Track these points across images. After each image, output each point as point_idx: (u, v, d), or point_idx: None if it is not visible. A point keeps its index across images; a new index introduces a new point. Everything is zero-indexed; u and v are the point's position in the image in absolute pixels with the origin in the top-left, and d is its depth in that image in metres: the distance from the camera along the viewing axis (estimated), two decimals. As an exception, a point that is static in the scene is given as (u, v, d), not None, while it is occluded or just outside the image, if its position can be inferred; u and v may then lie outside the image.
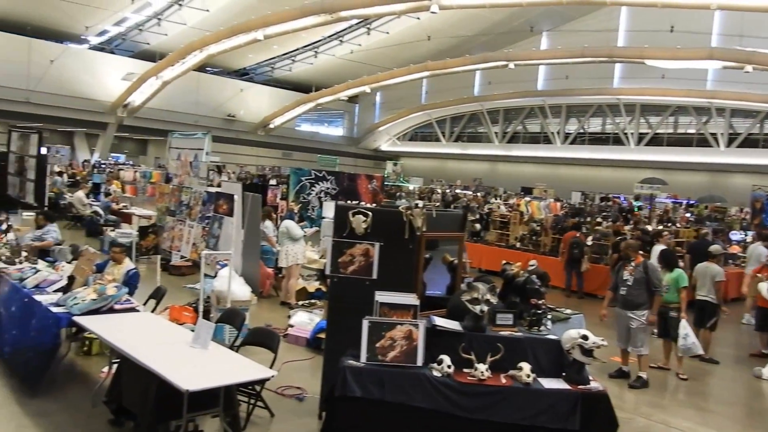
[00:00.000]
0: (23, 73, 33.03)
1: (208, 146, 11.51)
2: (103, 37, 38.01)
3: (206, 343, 4.97)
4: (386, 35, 35.76)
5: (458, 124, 45.76)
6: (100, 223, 15.74)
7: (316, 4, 22.90)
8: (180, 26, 33.37)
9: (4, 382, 5.93)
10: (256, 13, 26.02)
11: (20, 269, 7.10)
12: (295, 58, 41.56)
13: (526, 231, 15.78)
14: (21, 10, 30.84)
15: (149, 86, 33.54)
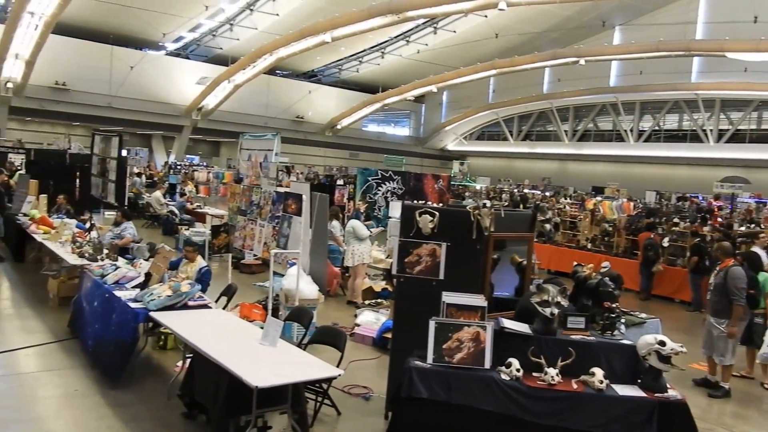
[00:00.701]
0: (105, 79, 34.74)
1: (277, 147, 11.75)
2: (179, 43, 39.50)
3: (275, 341, 5.05)
4: (453, 34, 35.51)
5: (526, 122, 44.93)
6: (176, 222, 16.36)
7: (383, 5, 22.99)
8: (251, 31, 34.24)
9: (87, 373, 6.22)
10: (324, 15, 26.37)
11: (102, 266, 7.45)
12: (362, 59, 41.88)
13: (598, 232, 15.31)
14: (104, 19, 32.42)
15: (222, 90, 34.63)
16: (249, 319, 7.12)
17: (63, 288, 8.68)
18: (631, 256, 13.67)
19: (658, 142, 36.43)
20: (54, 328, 7.60)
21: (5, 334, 7.41)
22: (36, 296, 9.10)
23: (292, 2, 31.16)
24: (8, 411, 5.31)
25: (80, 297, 7.37)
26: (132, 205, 16.91)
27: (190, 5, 30.52)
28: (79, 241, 8.92)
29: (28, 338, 7.23)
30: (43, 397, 5.72)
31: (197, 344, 4.93)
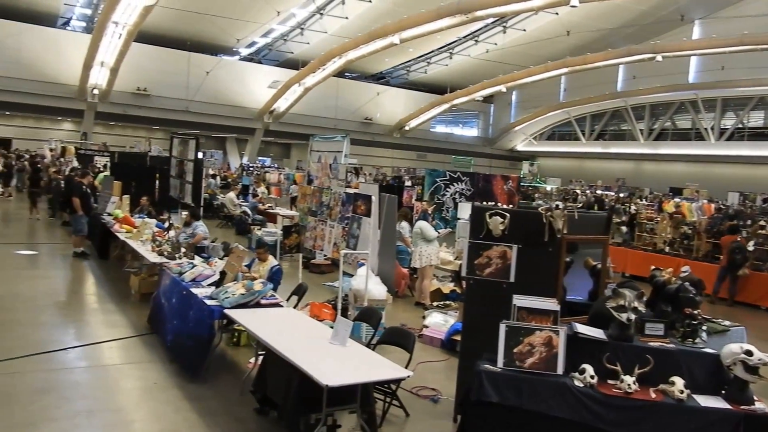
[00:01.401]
0: (183, 84, 36.15)
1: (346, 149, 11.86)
2: (251, 49, 40.62)
3: (345, 341, 5.11)
4: (523, 32, 34.95)
5: (599, 121, 43.66)
6: (248, 222, 16.81)
7: (451, 6, 22.88)
8: (321, 34, 34.81)
9: (166, 367, 6.47)
10: (392, 17, 26.49)
11: (180, 264, 7.74)
12: (430, 60, 41.82)
13: (677, 234, 14.69)
14: (182, 27, 33.73)
15: (292, 93, 35.36)
16: (319, 318, 7.22)
17: (144, 284, 9.08)
18: (712, 260, 13.04)
19: (741, 140, 34.61)
20: (135, 323, 7.96)
21: (91, 328, 7.82)
22: (119, 292, 9.55)
23: (361, 5, 31.47)
24: (93, 400, 5.59)
25: (159, 293, 7.68)
26: (207, 205, 17.49)
27: (262, 11, 31.32)
28: (158, 240, 9.31)
29: (112, 332, 7.59)
30: (124, 388, 5.99)
31: (270, 342, 5.04)
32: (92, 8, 34.05)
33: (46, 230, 15.75)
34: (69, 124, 38.32)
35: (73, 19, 36.63)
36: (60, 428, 4.98)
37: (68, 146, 26.01)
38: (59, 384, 5.88)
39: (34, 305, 8.55)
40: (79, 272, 11.09)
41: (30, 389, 5.65)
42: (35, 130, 37.88)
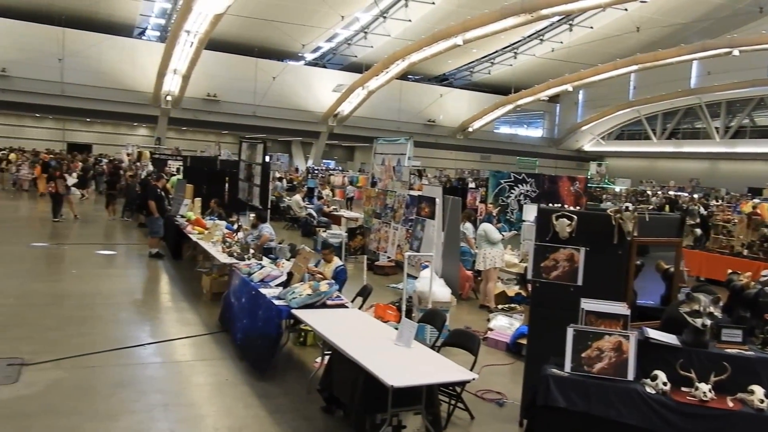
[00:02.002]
0: (251, 89, 37.14)
1: (410, 151, 11.91)
2: (316, 53, 41.33)
3: (409, 342, 5.14)
4: (590, 30, 34.11)
5: (671, 119, 42.07)
6: (314, 224, 17.09)
7: (515, 5, 22.59)
8: (384, 38, 35.03)
9: (236, 364, 6.68)
10: (455, 19, 26.39)
11: (249, 265, 7.97)
12: (494, 61, 41.41)
13: (756, 237, 13.98)
14: (249, 34, 34.67)
15: (356, 96, 35.73)
16: (383, 319, 7.28)
17: (215, 284, 9.39)
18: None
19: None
20: (207, 321, 8.24)
21: (165, 325, 8.16)
22: (191, 291, 9.91)
23: (424, 8, 31.49)
24: (168, 395, 5.83)
25: (230, 293, 7.93)
26: (274, 208, 17.89)
27: (327, 16, 31.80)
28: (228, 241, 9.61)
29: (185, 329, 7.89)
30: (197, 383, 6.21)
31: (336, 342, 5.13)
32: (166, 18, 35.46)
33: (123, 231, 16.51)
34: (144, 130, 40.07)
35: (148, 29, 38.28)
36: (138, 420, 5.21)
37: (144, 151, 27.18)
38: (136, 378, 6.16)
39: (113, 303, 8.99)
40: (155, 272, 11.57)
41: (110, 382, 5.94)
42: (113, 135, 39.81)
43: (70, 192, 17.50)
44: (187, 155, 26.57)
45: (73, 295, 9.17)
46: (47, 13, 32.14)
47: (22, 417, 5.07)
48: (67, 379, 5.92)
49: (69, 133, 39.68)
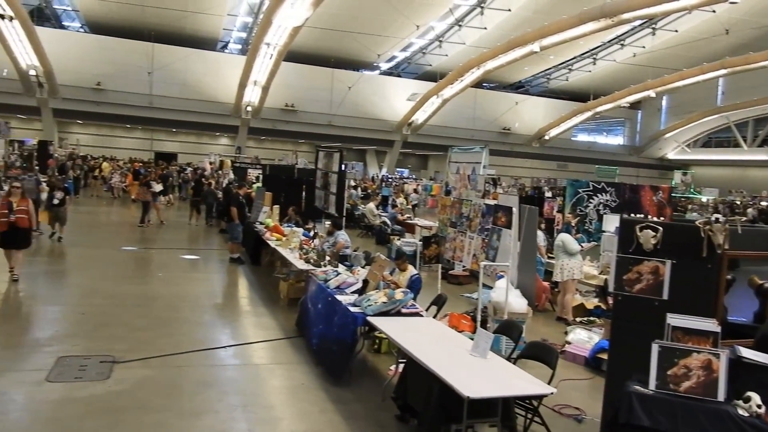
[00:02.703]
0: (327, 99, 37.92)
1: (485, 160, 11.81)
2: (391, 63, 41.73)
3: (485, 353, 5.08)
4: (674, 34, 32.83)
5: (763, 126, 39.75)
6: (388, 232, 17.20)
7: (595, 10, 22.05)
8: (459, 46, 34.97)
9: (312, 369, 6.80)
10: (532, 25, 26.03)
11: (325, 271, 8.11)
12: (572, 67, 40.54)
13: None
14: (326, 45, 35.43)
15: (430, 105, 35.80)
16: (458, 329, 7.23)
17: (292, 290, 9.61)
18: None
19: None
20: (284, 326, 8.44)
21: (244, 328, 8.41)
22: (269, 296, 10.18)
23: (500, 15, 31.23)
24: (247, 396, 6.00)
25: (306, 299, 8.09)
26: (348, 215, 18.13)
27: (402, 26, 32.06)
28: (305, 248, 9.82)
29: (263, 333, 8.11)
30: (274, 386, 6.37)
31: (411, 350, 5.14)
32: (247, 32, 36.76)
33: (205, 237, 17.17)
34: (225, 139, 41.59)
35: (230, 43, 39.79)
36: (220, 420, 5.39)
37: (225, 160, 28.20)
38: (218, 379, 6.38)
39: (197, 305, 9.36)
40: (234, 276, 11.97)
41: (195, 382, 6.18)
42: (197, 145, 41.56)
43: (157, 199, 18.36)
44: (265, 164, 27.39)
45: (159, 297, 9.61)
46: (139, 30, 34.02)
47: (113, 411, 5.36)
48: (155, 377, 6.21)
49: (156, 143, 41.74)
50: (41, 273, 10.89)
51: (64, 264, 12.23)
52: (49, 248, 13.34)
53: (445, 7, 31.68)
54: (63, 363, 6.28)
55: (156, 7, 30.35)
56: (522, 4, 29.88)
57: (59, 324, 7.79)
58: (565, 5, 25.77)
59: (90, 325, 7.78)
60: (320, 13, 24.43)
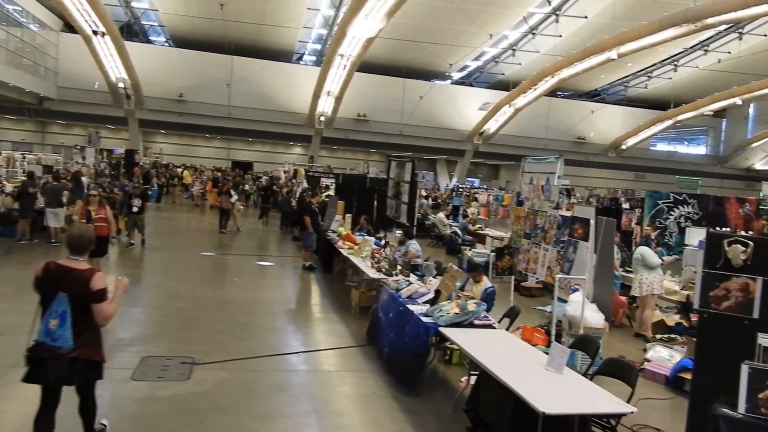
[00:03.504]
0: (398, 109, 38.17)
1: (560, 170, 11.58)
2: (463, 72, 41.57)
3: (561, 368, 4.97)
4: (763, 38, 31.16)
5: None
6: (459, 242, 17.09)
7: (677, 15, 21.24)
8: (533, 54, 34.47)
9: (383, 377, 6.83)
10: (609, 32, 25.35)
11: (396, 281, 8.14)
12: (651, 74, 39.16)
13: None
14: (398, 55, 35.69)
15: (503, 114, 35.42)
16: (531, 342, 7.09)
17: (363, 298, 9.69)
18: None
19: None
20: (355, 334, 8.52)
21: (316, 335, 8.55)
22: (340, 304, 10.31)
23: (576, 22, 30.58)
24: (319, 402, 6.09)
25: (378, 307, 8.14)
26: (419, 225, 18.15)
27: (475, 35, 31.92)
28: (376, 257, 9.90)
29: (334, 340, 8.23)
30: (345, 394, 6.43)
31: (484, 363, 5.08)
32: (322, 43, 37.52)
33: (279, 244, 17.59)
34: (299, 149, 42.54)
35: (305, 54, 40.72)
36: (293, 424, 5.50)
37: (299, 168, 28.83)
38: (291, 384, 6.51)
39: (271, 311, 9.60)
40: (307, 283, 12.20)
41: (269, 386, 6.33)
42: (271, 154, 42.72)
43: (234, 206, 18.97)
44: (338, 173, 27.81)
45: (236, 302, 9.92)
46: (219, 43, 35.39)
47: (193, 412, 5.56)
48: (232, 380, 6.40)
49: (233, 152, 43.16)
50: (125, 276, 11.44)
51: (147, 268, 12.83)
52: (132, 252, 14.00)
53: (519, 16, 31.30)
54: (146, 363, 6.57)
55: (236, 21, 31.46)
56: (599, 11, 29.14)
57: (143, 325, 8.16)
58: (645, 11, 24.94)
59: (171, 327, 8.11)
60: (393, 23, 24.63)
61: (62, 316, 3.97)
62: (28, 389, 5.77)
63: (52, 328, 3.96)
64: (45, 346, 4.01)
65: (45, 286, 4.10)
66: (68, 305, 4.00)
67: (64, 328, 3.97)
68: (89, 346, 4.16)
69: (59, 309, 3.99)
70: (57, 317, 3.96)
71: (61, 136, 38.04)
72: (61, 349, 3.99)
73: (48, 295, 4.05)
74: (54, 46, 33.77)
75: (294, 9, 30.84)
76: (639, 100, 43.36)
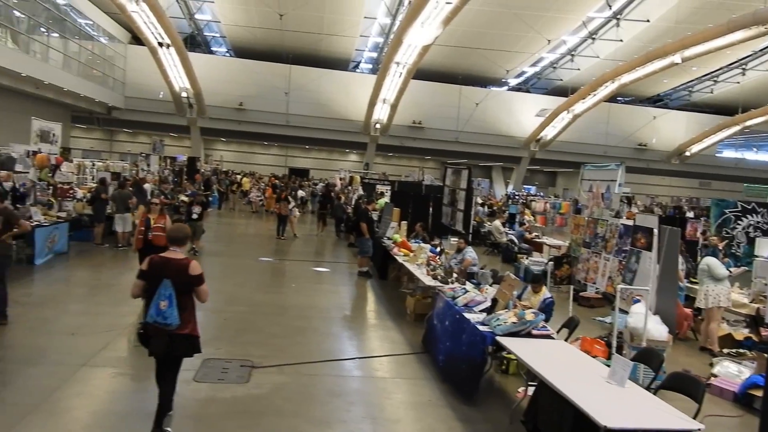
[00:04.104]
0: (454, 116, 38.08)
1: (621, 178, 11.29)
2: (520, 78, 41.13)
3: (623, 381, 4.84)
4: (842, 39, 29.62)
5: None
6: (515, 251, 16.87)
7: (746, 17, 20.46)
8: (592, 60, 33.81)
9: (438, 385, 6.80)
10: (673, 36, 24.65)
11: (452, 288, 8.11)
12: (718, 78, 37.76)
13: None
14: (454, 62, 35.64)
15: (560, 120, 34.88)
16: (590, 354, 6.93)
17: (418, 305, 9.69)
18: None
19: None
20: (411, 341, 8.52)
21: (370, 341, 8.60)
22: (395, 310, 10.33)
23: (637, 27, 29.83)
24: (374, 408, 6.11)
25: (433, 315, 8.13)
26: (474, 232, 18.01)
27: (533, 41, 31.55)
28: (432, 264, 9.88)
29: (389, 347, 8.24)
30: (401, 401, 6.42)
31: (544, 374, 5.00)
32: (378, 51, 37.83)
33: (334, 250, 17.77)
34: (354, 156, 42.95)
35: (361, 62, 41.13)
36: (348, 430, 5.55)
37: (355, 176, 29.10)
38: (346, 389, 6.56)
39: (326, 316, 9.70)
40: (362, 290, 12.28)
41: (325, 391, 6.40)
42: (327, 161, 43.30)
43: (292, 213, 19.28)
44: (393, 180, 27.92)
45: (292, 307, 10.08)
46: (278, 53, 36.18)
47: (252, 414, 5.68)
48: (289, 383, 6.50)
49: (290, 159, 43.96)
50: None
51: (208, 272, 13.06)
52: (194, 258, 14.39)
53: (578, 20, 30.76)
54: (208, 365, 6.74)
55: (294, 31, 32.09)
56: (662, 14, 28.32)
57: (204, 328, 8.24)
58: (711, 14, 24.15)
59: (231, 330, 8.31)
60: (449, 30, 24.61)
61: (169, 298, 4.74)
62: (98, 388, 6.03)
63: (163, 308, 4.71)
64: (156, 324, 4.75)
65: (151, 276, 4.87)
66: (173, 289, 4.77)
67: (172, 308, 4.73)
68: (190, 323, 4.94)
69: (166, 292, 4.74)
70: (165, 299, 4.73)
71: (127, 144, 39.66)
72: (171, 326, 4.75)
73: (154, 283, 4.81)
74: (122, 58, 35.22)
75: (351, 18, 31.23)
76: (704, 105, 41.87)
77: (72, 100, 28.73)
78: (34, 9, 24.52)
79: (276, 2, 29.00)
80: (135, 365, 6.65)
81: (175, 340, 4.85)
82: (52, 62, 25.87)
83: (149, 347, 4.86)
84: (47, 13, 25.63)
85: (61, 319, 8.39)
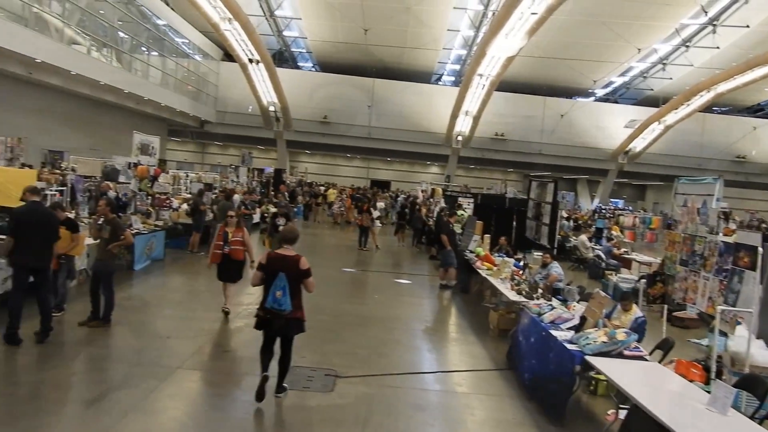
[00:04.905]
0: (537, 127, 37.40)
1: (719, 192, 10.73)
2: (607, 89, 39.90)
3: (725, 409, 4.57)
4: None
5: None
6: (602, 266, 16.30)
7: None
8: (686, 68, 32.39)
9: (523, 404, 6.64)
10: (777, 41, 23.23)
11: (538, 305, 7.92)
12: (829, 86, 35.19)
13: None
14: (538, 73, 35.04)
15: (651, 132, 33.59)
16: (687, 378, 6.58)
17: (502, 320, 9.53)
18: None
19: None
20: (494, 356, 8.38)
21: (453, 356, 8.52)
22: (478, 325, 10.19)
23: (736, 33, 28.30)
24: (458, 425, 6.04)
25: (518, 331, 7.96)
26: (560, 247, 17.56)
27: (622, 50, 30.58)
28: (516, 279, 9.70)
29: (472, 362, 8.14)
30: (485, 418, 6.32)
31: (638, 397, 4.80)
32: (460, 64, 37.77)
33: (416, 262, 17.78)
34: (436, 168, 42.93)
35: (444, 75, 41.20)
36: (433, 445, 5.52)
37: (436, 188, 29.06)
38: (429, 403, 6.52)
39: (409, 328, 9.71)
40: (444, 303, 12.22)
41: (408, 404, 6.40)
42: (408, 173, 43.49)
43: (374, 224, 19.47)
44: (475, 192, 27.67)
45: (376, 318, 10.15)
46: (362, 67, 36.83)
47: (336, 423, 5.75)
48: (373, 395, 6.54)
49: (372, 171, 44.47)
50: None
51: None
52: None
53: (671, 28, 29.54)
54: (294, 373, 6.87)
55: (378, 45, 32.57)
56: (763, 19, 26.74)
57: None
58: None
59: (316, 340, 8.44)
60: (534, 41, 24.24)
61: (284, 289, 5.74)
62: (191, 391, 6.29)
63: (278, 297, 5.72)
64: (273, 309, 5.77)
65: (269, 268, 5.88)
66: (287, 281, 5.74)
67: (285, 296, 5.74)
68: (299, 309, 5.97)
69: (281, 283, 5.73)
70: (281, 289, 5.73)
71: (218, 156, 41.38)
72: (284, 311, 5.77)
73: (271, 275, 5.81)
74: (215, 74, 36.90)
75: (434, 31, 31.37)
76: (813, 114, 39.22)
77: (169, 114, 30.34)
78: (137, 29, 26.13)
79: (361, 17, 29.56)
80: (223, 371, 6.89)
81: (290, 323, 5.88)
82: (152, 79, 27.45)
83: (269, 327, 5.92)
84: (148, 33, 27.26)
85: (157, 322, 8.84)
